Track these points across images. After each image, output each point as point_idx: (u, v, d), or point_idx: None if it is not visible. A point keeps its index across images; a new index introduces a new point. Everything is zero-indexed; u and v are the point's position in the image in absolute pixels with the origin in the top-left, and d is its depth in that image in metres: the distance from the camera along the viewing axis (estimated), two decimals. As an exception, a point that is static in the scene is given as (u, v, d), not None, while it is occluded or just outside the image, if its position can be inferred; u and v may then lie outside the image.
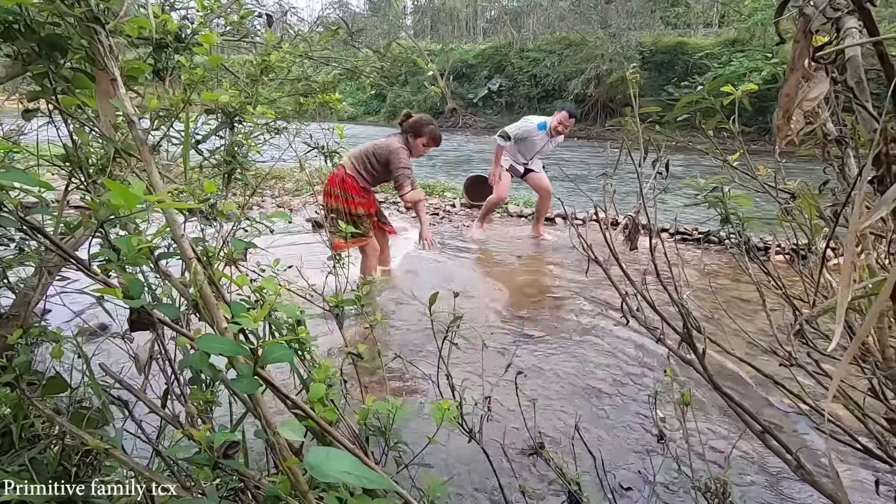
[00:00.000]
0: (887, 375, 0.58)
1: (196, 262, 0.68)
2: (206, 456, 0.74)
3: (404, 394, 2.26)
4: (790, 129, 0.60)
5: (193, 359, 0.84)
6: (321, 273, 1.68)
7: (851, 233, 0.38)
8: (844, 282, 0.36)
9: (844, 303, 0.36)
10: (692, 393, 1.50)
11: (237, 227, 1.13)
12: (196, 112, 1.64)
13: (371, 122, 21.69)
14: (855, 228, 0.38)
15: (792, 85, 0.59)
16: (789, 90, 0.59)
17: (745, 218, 1.44)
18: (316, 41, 2.74)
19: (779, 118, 0.61)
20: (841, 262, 0.73)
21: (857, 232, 0.38)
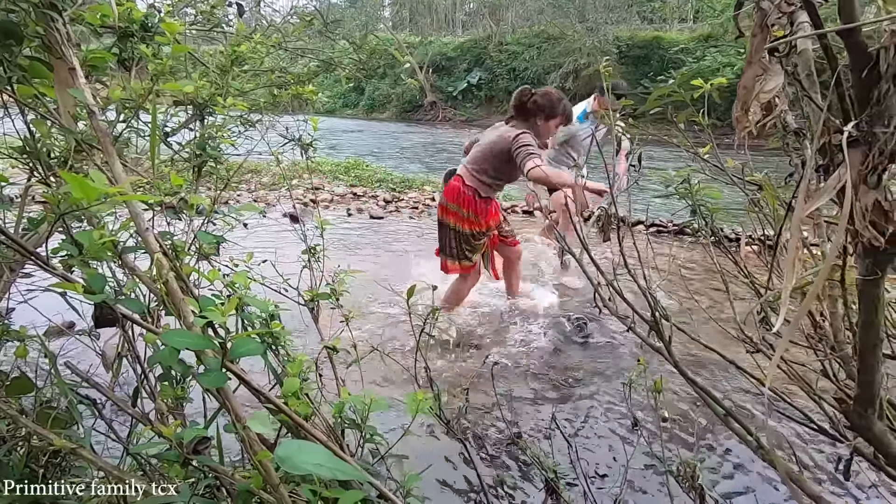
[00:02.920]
0: (839, 357, 0.61)
1: (161, 255, 0.67)
2: (176, 452, 0.73)
3: (382, 387, 2.26)
4: (748, 121, 0.62)
5: (162, 354, 0.83)
6: (297, 267, 1.66)
7: (795, 220, 0.40)
8: (788, 267, 0.38)
9: (789, 287, 0.38)
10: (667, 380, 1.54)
11: (208, 222, 1.11)
12: (165, 104, 1.59)
13: (350, 114, 21.43)
14: (799, 216, 0.40)
15: (749, 77, 0.61)
16: (746, 82, 0.61)
17: (713, 209, 1.47)
18: (290, 32, 2.69)
19: (737, 110, 0.63)
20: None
21: (801, 219, 0.40)
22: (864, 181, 0.38)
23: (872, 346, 0.48)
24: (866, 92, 0.38)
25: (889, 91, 0.36)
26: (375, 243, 4.45)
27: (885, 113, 0.37)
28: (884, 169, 0.38)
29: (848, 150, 0.37)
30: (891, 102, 0.36)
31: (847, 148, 0.37)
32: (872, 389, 0.51)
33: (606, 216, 1.45)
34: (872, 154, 0.37)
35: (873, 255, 0.42)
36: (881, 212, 0.39)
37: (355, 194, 6.09)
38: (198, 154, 1.29)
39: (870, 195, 0.38)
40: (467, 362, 2.56)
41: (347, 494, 0.78)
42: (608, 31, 16.49)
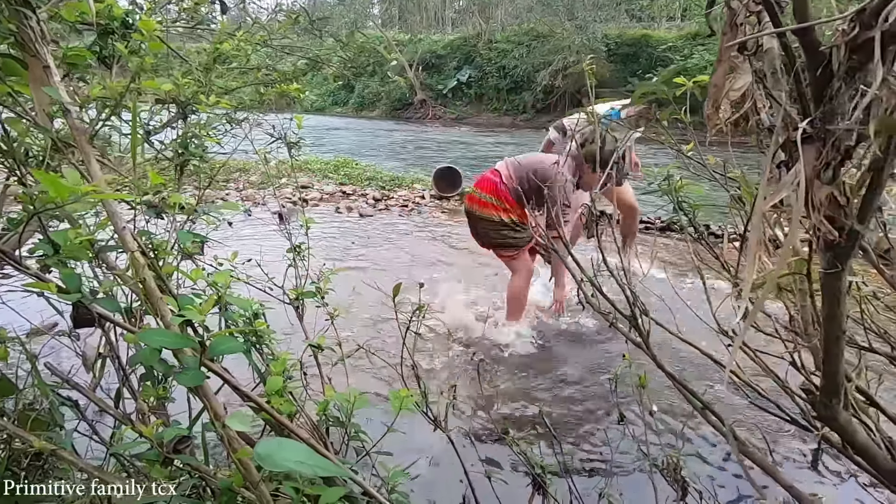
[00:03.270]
0: (809, 348, 0.62)
1: (139, 254, 0.67)
2: (156, 452, 0.73)
3: (369, 385, 2.27)
4: (719, 118, 0.63)
5: (143, 354, 0.82)
6: (283, 266, 1.65)
7: (756, 216, 0.41)
8: (750, 261, 0.39)
9: (750, 280, 0.39)
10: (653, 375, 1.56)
11: (189, 220, 1.11)
12: (149, 103, 1.58)
13: (339, 112, 21.32)
14: (760, 210, 0.41)
15: (720, 75, 0.62)
16: (717, 80, 0.62)
17: (694, 205, 1.49)
18: (275, 29, 2.68)
19: (708, 108, 0.64)
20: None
21: (762, 213, 0.41)
22: (819, 177, 0.39)
23: (835, 338, 0.50)
24: (821, 90, 0.39)
25: (840, 89, 0.37)
26: (364, 241, 4.45)
27: (838, 110, 0.38)
28: (838, 165, 0.39)
29: (802, 147, 0.38)
30: (842, 100, 0.37)
31: (801, 144, 0.38)
32: (837, 380, 0.53)
33: (590, 213, 1.47)
34: (826, 150, 0.38)
35: (833, 249, 0.44)
36: (837, 206, 0.40)
37: (344, 192, 6.07)
38: (180, 153, 1.28)
39: (824, 190, 0.39)
40: (456, 359, 2.56)
41: (329, 491, 0.79)
42: (597, 28, 16.56)
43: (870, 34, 0.34)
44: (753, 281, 0.46)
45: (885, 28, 0.34)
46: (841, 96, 0.37)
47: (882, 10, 0.33)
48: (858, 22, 0.35)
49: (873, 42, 0.34)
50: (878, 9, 0.34)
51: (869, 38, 0.34)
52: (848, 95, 0.37)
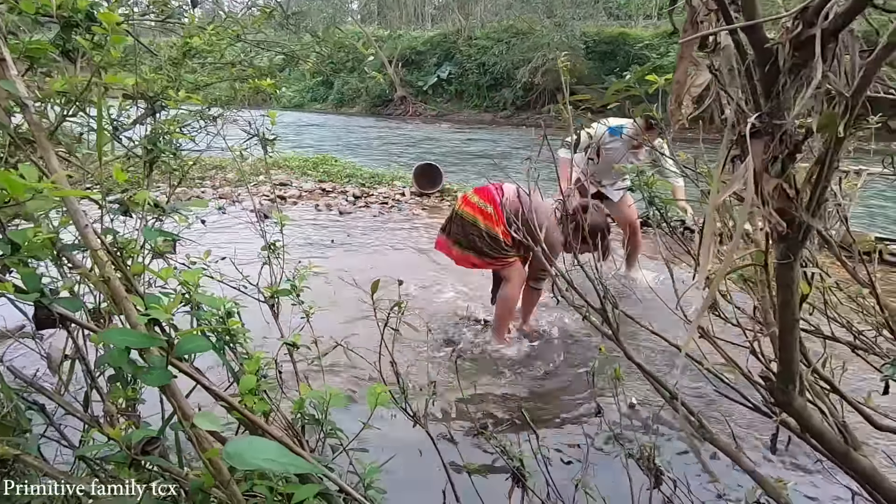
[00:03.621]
0: (768, 336, 0.64)
1: (102, 252, 0.65)
2: (124, 454, 0.72)
3: (347, 383, 2.26)
4: (681, 114, 0.65)
5: (111, 355, 0.81)
6: (259, 264, 1.63)
7: (710, 208, 0.42)
8: (704, 252, 0.40)
9: (704, 270, 0.40)
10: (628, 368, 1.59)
11: (158, 219, 1.09)
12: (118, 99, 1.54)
13: (318, 109, 21.08)
14: (713, 203, 0.42)
15: (681, 72, 0.63)
16: (679, 77, 0.63)
17: (666, 200, 1.52)
18: (249, 24, 2.63)
19: (671, 104, 0.65)
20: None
21: (715, 206, 0.42)
22: (767, 170, 0.41)
23: (790, 326, 0.52)
24: (769, 86, 0.40)
25: (786, 85, 0.39)
26: (343, 239, 4.42)
27: (784, 105, 0.39)
28: (786, 158, 0.40)
29: (751, 141, 0.40)
30: (788, 95, 0.39)
31: (751, 138, 0.39)
32: (792, 367, 0.55)
33: (564, 209, 1.48)
34: (773, 144, 0.40)
35: (785, 241, 0.45)
36: (787, 199, 0.41)
37: (324, 190, 6.02)
38: (149, 149, 1.25)
39: (772, 183, 0.41)
40: (434, 356, 2.57)
41: (303, 488, 0.78)
42: (575, 26, 16.69)
43: (811, 32, 0.36)
44: (711, 272, 0.47)
45: (826, 26, 0.35)
46: (787, 92, 0.39)
47: (822, 9, 0.35)
48: (802, 20, 0.36)
49: (814, 39, 0.35)
50: (819, 7, 0.35)
51: (811, 35, 0.36)
52: (794, 91, 0.38)
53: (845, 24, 0.35)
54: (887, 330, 1.04)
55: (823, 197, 0.41)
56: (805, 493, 1.69)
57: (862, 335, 1.12)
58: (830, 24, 0.35)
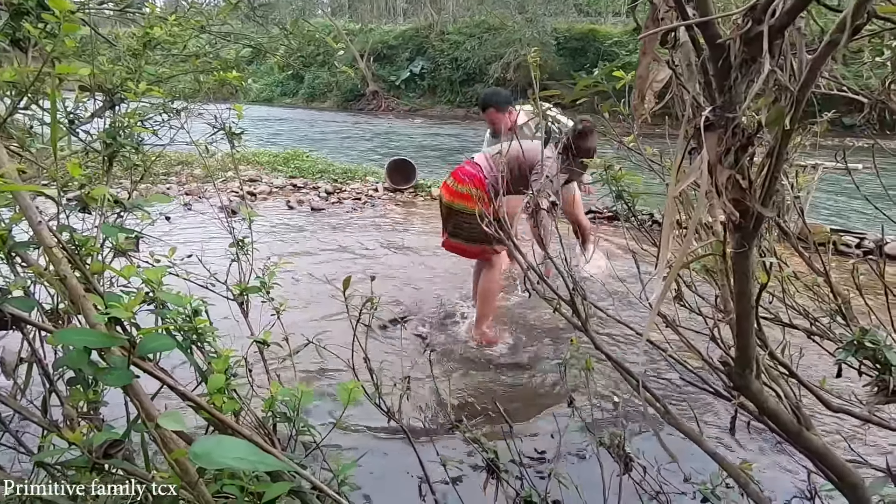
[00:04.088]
0: (726, 322, 0.67)
1: (58, 249, 0.63)
2: (85, 458, 0.70)
3: (321, 380, 2.24)
4: (644, 109, 0.66)
5: (70, 357, 0.78)
6: (227, 261, 1.60)
7: (669, 199, 0.44)
8: (664, 242, 0.42)
9: (664, 260, 0.41)
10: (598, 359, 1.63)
11: (118, 215, 1.05)
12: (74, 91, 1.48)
13: (288, 103, 20.68)
14: (671, 194, 0.44)
15: (644, 67, 0.64)
16: (642, 72, 0.65)
17: (634, 194, 1.55)
18: (214, 15, 2.55)
19: (635, 99, 0.66)
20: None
21: (674, 197, 0.44)
22: (721, 161, 0.42)
23: (746, 313, 0.54)
24: (722, 80, 0.42)
25: (738, 79, 0.40)
26: (316, 235, 4.36)
27: (736, 100, 0.41)
28: (738, 150, 0.42)
29: (706, 134, 0.41)
30: (739, 90, 0.40)
31: (705, 131, 0.41)
32: (749, 352, 0.57)
33: (536, 203, 1.50)
34: (726, 137, 0.41)
35: (741, 230, 0.47)
36: (741, 190, 0.43)
37: (295, 186, 5.92)
38: (108, 143, 1.20)
39: (725, 174, 0.42)
40: (408, 351, 2.57)
41: (273, 486, 0.78)
42: (546, 22, 16.84)
43: (759, 28, 0.37)
44: (670, 261, 0.49)
45: (772, 23, 0.36)
46: (738, 86, 0.40)
47: (769, 6, 0.36)
48: (751, 17, 0.38)
49: (763, 36, 0.37)
50: (766, 5, 0.37)
51: (759, 32, 0.37)
52: (745, 86, 0.40)
53: (790, 21, 0.36)
54: (840, 316, 1.09)
55: (774, 188, 0.43)
56: (766, 473, 1.76)
57: (818, 322, 1.17)
58: (777, 20, 0.36)
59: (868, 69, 1.12)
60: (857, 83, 1.10)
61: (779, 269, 1.08)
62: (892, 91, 1.07)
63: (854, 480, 0.62)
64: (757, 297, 0.67)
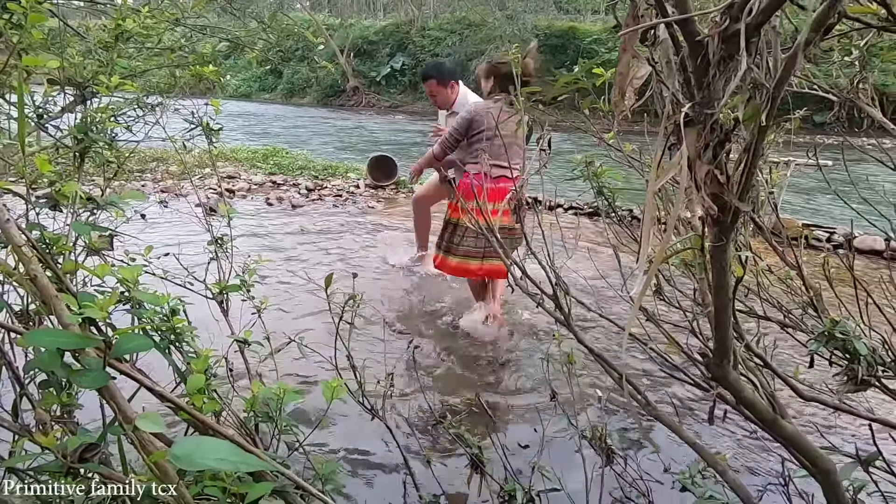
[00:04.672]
0: (704, 315, 0.68)
1: (27, 248, 0.61)
2: (59, 462, 0.68)
3: (304, 378, 2.22)
4: (624, 105, 0.67)
5: (41, 359, 0.75)
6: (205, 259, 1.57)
7: (649, 194, 0.45)
8: (644, 236, 0.43)
9: (644, 254, 0.42)
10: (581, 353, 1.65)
11: (90, 213, 1.02)
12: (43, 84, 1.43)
13: (267, 99, 20.37)
14: (651, 189, 0.44)
15: (624, 64, 0.65)
16: (622, 69, 0.65)
17: (614, 190, 1.57)
18: (189, 7, 2.50)
19: (615, 95, 0.67)
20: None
21: (654, 192, 0.44)
22: (700, 157, 0.43)
23: (724, 305, 0.55)
24: (701, 77, 0.43)
25: (716, 76, 0.41)
26: (296, 232, 4.31)
27: (714, 96, 0.42)
28: (716, 146, 0.43)
29: (685, 129, 0.42)
30: (718, 86, 0.41)
31: (684, 127, 0.42)
32: (726, 343, 0.58)
33: (518, 199, 1.51)
34: (705, 132, 0.42)
35: (718, 225, 0.48)
36: (719, 185, 0.44)
37: (275, 182, 5.84)
38: (79, 140, 1.16)
39: (703, 168, 0.43)
40: (391, 348, 2.56)
41: (256, 487, 0.77)
42: (527, 19, 16.92)
43: (737, 26, 0.38)
44: (650, 255, 0.50)
45: (749, 21, 0.37)
46: (716, 83, 0.41)
47: (746, 5, 0.37)
48: (728, 15, 0.39)
49: (740, 33, 0.38)
50: (743, 3, 0.37)
51: (736, 29, 0.38)
52: (722, 82, 0.41)
53: (766, 19, 0.37)
54: (812, 308, 1.13)
55: (751, 183, 0.45)
56: (740, 461, 1.81)
57: (791, 314, 1.21)
58: (753, 18, 0.37)
59: (837, 68, 1.15)
60: (826, 82, 1.13)
61: (754, 263, 1.11)
62: (861, 90, 1.11)
63: (826, 466, 0.64)
64: (733, 291, 0.69)
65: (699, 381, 0.77)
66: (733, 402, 0.75)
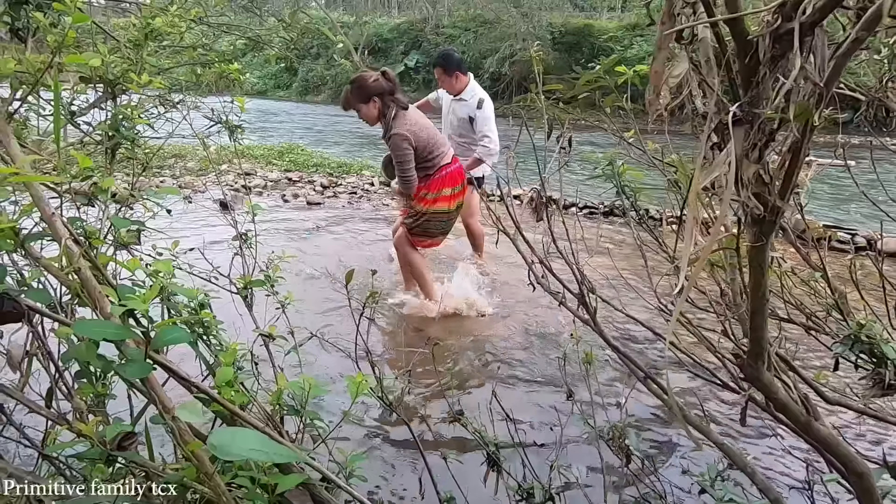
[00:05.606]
0: (737, 318, 0.68)
1: (71, 242, 0.62)
2: (98, 450, 0.70)
3: (323, 373, 2.24)
4: (659, 104, 0.67)
5: (78, 350, 0.77)
6: (228, 255, 1.59)
7: (692, 193, 0.44)
8: (687, 237, 0.43)
9: (687, 255, 0.42)
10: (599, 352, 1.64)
11: (124, 208, 1.04)
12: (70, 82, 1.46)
13: (282, 96, 20.52)
14: (695, 187, 0.44)
15: (659, 63, 0.65)
16: (657, 68, 0.65)
17: (636, 189, 1.56)
18: (212, 5, 2.53)
19: (650, 94, 0.67)
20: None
21: (697, 191, 0.44)
22: (747, 156, 0.43)
23: (760, 305, 0.55)
24: (749, 76, 0.42)
25: (766, 76, 0.41)
26: (313, 229, 4.34)
27: (763, 95, 0.41)
28: (763, 145, 0.43)
29: (733, 129, 0.42)
30: (767, 85, 0.41)
31: (732, 126, 0.42)
32: (761, 343, 0.58)
33: (539, 197, 1.51)
34: (753, 132, 0.42)
35: (759, 224, 0.48)
36: (762, 184, 0.44)
37: (290, 179, 5.89)
38: (111, 135, 1.19)
39: (751, 168, 0.43)
40: (410, 344, 2.58)
41: (287, 478, 0.78)
42: (542, 16, 16.80)
43: (790, 25, 0.38)
44: (689, 256, 0.50)
45: (804, 20, 0.37)
46: (766, 82, 0.41)
47: (800, 4, 0.37)
48: (781, 14, 0.38)
49: (793, 33, 0.37)
50: (797, 2, 0.37)
51: (789, 28, 0.38)
52: (772, 82, 0.40)
53: (822, 18, 0.37)
54: (836, 311, 1.11)
55: (794, 182, 0.44)
56: (764, 465, 1.79)
57: (814, 316, 1.19)
58: (808, 18, 0.37)
59: (865, 66, 1.13)
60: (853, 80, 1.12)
61: (778, 264, 1.10)
62: (890, 89, 1.09)
63: (860, 469, 0.63)
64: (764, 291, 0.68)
65: (729, 382, 0.76)
66: (763, 402, 0.74)
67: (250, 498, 0.77)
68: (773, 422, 0.87)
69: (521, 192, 3.46)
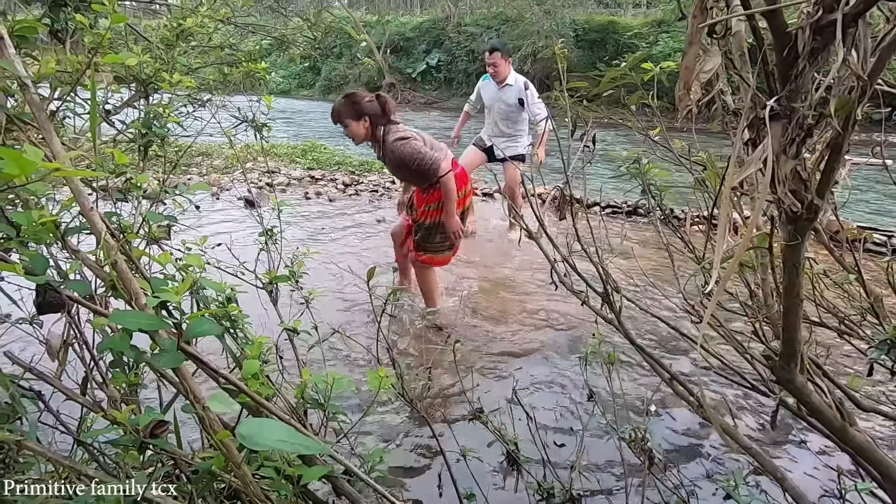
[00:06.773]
0: (767, 319, 0.66)
1: (108, 235, 0.64)
2: (131, 437, 0.72)
3: (344, 368, 2.26)
4: (690, 100, 0.65)
5: (113, 340, 0.80)
6: (253, 252, 1.62)
7: (726, 189, 0.43)
8: (720, 234, 0.42)
9: (720, 254, 0.41)
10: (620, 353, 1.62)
11: (156, 203, 1.07)
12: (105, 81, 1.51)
13: (305, 95, 20.78)
14: (729, 185, 0.43)
15: (690, 58, 0.64)
16: (688, 63, 0.64)
17: (662, 188, 1.54)
18: (239, 6, 2.58)
19: (680, 89, 0.66)
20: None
21: (732, 188, 0.43)
22: (784, 152, 0.42)
23: (794, 305, 0.53)
24: (787, 70, 0.41)
25: (805, 69, 0.40)
26: (335, 227, 4.39)
27: (802, 89, 0.40)
28: (801, 141, 0.41)
29: (770, 124, 0.41)
30: (806, 79, 0.40)
31: (769, 121, 0.41)
32: (794, 345, 0.56)
33: (562, 195, 1.49)
34: (791, 127, 0.41)
35: (795, 223, 0.47)
36: (800, 181, 0.43)
37: (313, 177, 5.96)
38: (143, 133, 1.22)
39: (788, 165, 0.42)
40: (430, 341, 2.59)
41: (311, 470, 0.79)
42: (565, 14, 16.60)
43: (832, 17, 0.37)
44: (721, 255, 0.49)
45: (847, 11, 0.36)
46: (805, 76, 0.40)
47: (844, -6, 0.36)
48: (821, 5, 0.37)
49: (835, 24, 0.36)
50: (840, -7, 0.36)
51: (831, 20, 0.37)
52: (811, 75, 0.39)
53: (868, 9, 0.36)
54: (872, 315, 1.07)
55: (833, 179, 0.43)
56: (790, 471, 1.74)
57: (848, 320, 1.15)
58: (851, 9, 0.36)
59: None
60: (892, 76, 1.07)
61: (809, 266, 1.07)
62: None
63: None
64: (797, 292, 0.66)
65: (759, 385, 0.74)
66: (794, 405, 0.72)
67: (275, 488, 0.79)
68: (806, 428, 0.84)
69: (542, 191, 3.44)
